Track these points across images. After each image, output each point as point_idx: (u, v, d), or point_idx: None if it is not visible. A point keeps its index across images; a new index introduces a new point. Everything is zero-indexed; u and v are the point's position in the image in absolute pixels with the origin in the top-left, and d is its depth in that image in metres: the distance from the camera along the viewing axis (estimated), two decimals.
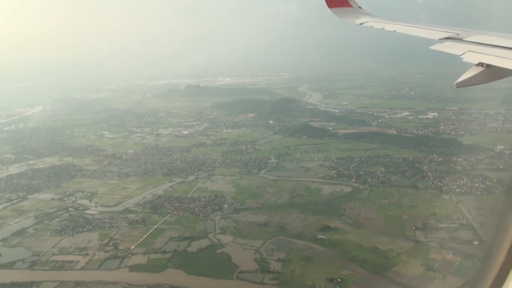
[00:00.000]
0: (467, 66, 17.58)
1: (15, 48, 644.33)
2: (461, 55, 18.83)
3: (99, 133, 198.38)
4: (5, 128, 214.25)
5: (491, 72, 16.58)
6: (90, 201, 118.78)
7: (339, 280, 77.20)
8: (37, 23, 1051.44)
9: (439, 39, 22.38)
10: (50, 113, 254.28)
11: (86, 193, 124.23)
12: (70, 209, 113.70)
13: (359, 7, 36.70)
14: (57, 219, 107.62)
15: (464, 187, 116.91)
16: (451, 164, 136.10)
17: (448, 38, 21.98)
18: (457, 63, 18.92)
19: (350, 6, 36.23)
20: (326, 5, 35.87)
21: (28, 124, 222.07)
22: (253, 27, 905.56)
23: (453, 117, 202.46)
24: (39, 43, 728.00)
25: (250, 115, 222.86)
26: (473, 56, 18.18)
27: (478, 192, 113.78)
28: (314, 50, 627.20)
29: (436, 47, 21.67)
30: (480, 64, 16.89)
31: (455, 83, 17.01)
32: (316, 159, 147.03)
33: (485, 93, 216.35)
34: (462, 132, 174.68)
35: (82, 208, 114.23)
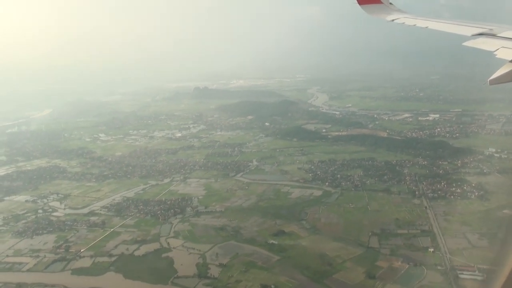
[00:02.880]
0: (496, 64, 16.67)
1: (44, 53, 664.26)
2: (494, 51, 17.96)
3: (95, 136, 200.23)
4: (8, 131, 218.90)
5: None
6: (60, 203, 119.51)
7: (273, 287, 75.08)
8: (65, 30, 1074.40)
9: (472, 35, 21.44)
10: (56, 115, 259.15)
11: (60, 195, 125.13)
12: (39, 211, 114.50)
13: (390, 3, 35.45)
14: (23, 221, 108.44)
15: (439, 192, 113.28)
16: (433, 168, 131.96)
17: (481, 34, 21.06)
18: (488, 61, 18.19)
19: (380, 2, 35.11)
20: (356, 2, 35.00)
21: (31, 126, 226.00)
22: (276, 30, 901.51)
23: (454, 119, 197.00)
24: (67, 49, 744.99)
25: (249, 117, 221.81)
26: (507, 52, 17.29)
27: (452, 197, 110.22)
28: (336, 52, 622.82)
29: (469, 43, 20.74)
30: None
31: (488, 80, 15.90)
32: (297, 162, 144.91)
33: (496, 94, 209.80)
34: (457, 134, 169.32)
35: (50, 210, 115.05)
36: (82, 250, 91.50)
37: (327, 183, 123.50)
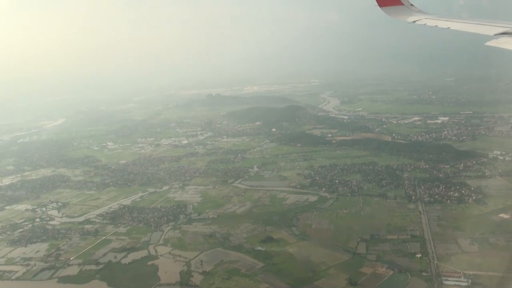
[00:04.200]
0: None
1: (62, 65, 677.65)
2: None
3: (103, 144, 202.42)
4: (20, 140, 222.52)
5: None
6: (58, 211, 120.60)
7: None
8: (82, 42, 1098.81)
9: (495, 34, 21.21)
10: (69, 125, 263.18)
11: (59, 203, 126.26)
12: (37, 219, 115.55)
13: (411, 4, 35.44)
14: (20, 230, 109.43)
15: (436, 196, 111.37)
16: (434, 172, 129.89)
17: (504, 33, 20.77)
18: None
19: (401, 4, 35.14)
20: (377, 5, 34.98)
21: (42, 136, 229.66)
22: (293, 35, 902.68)
23: (463, 121, 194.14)
24: (85, 60, 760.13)
25: (257, 123, 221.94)
26: None
27: (449, 201, 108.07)
28: (354, 56, 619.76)
29: (491, 43, 20.51)
30: None
31: None
32: (298, 167, 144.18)
33: (510, 95, 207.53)
34: (464, 137, 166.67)
35: (48, 218, 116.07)
36: (71, 258, 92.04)
37: (324, 189, 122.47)
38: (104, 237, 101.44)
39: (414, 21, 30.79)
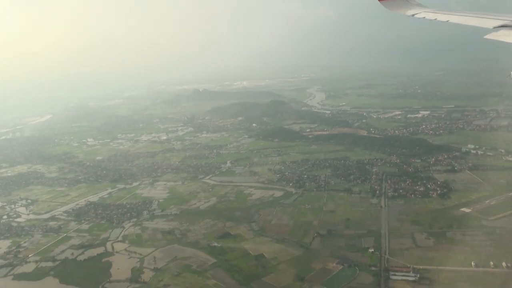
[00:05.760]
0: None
1: (59, 62, 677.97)
2: None
3: (83, 141, 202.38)
4: (3, 137, 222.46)
5: None
6: (26, 208, 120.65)
7: None
8: (79, 40, 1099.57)
9: (494, 27, 21.09)
10: (54, 121, 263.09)
11: (28, 200, 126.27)
12: (4, 217, 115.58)
13: None
14: None
15: (401, 191, 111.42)
16: (404, 166, 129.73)
17: (503, 26, 20.67)
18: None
19: None
20: None
21: (26, 132, 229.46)
22: (289, 30, 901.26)
23: (443, 115, 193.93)
24: (81, 57, 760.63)
25: (239, 118, 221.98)
26: None
27: (413, 196, 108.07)
28: (350, 52, 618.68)
29: (491, 36, 20.39)
30: None
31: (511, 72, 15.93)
32: (270, 162, 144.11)
33: (496, 88, 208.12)
34: (441, 131, 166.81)
35: (15, 215, 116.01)
36: (30, 256, 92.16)
37: (291, 184, 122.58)
38: (65, 234, 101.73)
39: (413, 15, 30.78)
